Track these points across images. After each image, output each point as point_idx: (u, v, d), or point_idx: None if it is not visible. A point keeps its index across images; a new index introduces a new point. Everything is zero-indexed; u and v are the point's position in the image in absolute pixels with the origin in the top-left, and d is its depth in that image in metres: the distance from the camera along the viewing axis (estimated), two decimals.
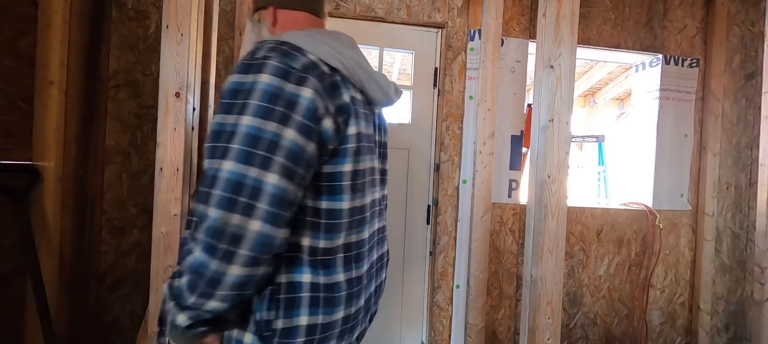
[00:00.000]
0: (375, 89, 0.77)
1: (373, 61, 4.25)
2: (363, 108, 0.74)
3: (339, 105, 0.67)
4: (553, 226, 1.26)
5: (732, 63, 2.19)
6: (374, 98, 0.77)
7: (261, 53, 0.63)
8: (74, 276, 1.58)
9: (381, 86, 0.78)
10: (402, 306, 2.03)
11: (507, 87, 2.00)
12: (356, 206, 0.73)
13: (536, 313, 1.27)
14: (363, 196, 0.75)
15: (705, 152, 2.15)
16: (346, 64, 0.70)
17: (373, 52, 2.05)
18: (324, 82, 0.65)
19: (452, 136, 1.98)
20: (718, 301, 2.19)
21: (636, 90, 2.34)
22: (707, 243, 2.13)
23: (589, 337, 2.13)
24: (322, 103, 0.64)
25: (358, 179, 0.73)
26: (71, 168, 1.53)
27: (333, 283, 0.69)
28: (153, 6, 1.73)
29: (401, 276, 2.02)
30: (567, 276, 2.09)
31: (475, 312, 1.84)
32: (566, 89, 1.25)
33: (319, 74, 0.65)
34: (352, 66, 0.72)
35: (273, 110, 0.59)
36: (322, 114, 0.64)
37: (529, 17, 2.02)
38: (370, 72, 0.77)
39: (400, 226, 2.00)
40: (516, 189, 2.04)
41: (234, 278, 0.57)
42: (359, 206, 0.74)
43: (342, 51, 0.71)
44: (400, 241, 2.01)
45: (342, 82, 0.69)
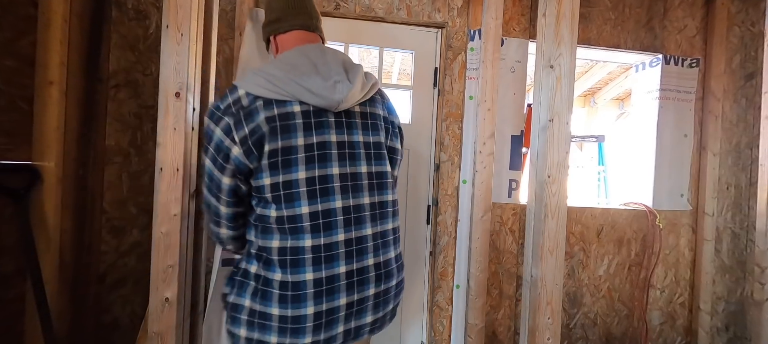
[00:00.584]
0: (310, 98, 0.86)
1: (372, 60, 4.20)
2: (301, 119, 0.85)
3: (252, 128, 0.83)
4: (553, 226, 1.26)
5: (732, 63, 2.19)
6: (317, 105, 0.87)
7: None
8: (74, 276, 1.58)
9: (315, 93, 0.85)
10: (402, 306, 2.03)
11: (507, 87, 2.00)
12: (286, 215, 0.84)
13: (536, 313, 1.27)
14: (296, 206, 0.84)
15: (705, 152, 2.15)
16: (273, 87, 0.84)
17: (373, 52, 2.05)
18: (239, 114, 0.84)
19: (452, 136, 1.98)
20: (718, 301, 2.19)
21: (636, 90, 2.34)
22: (707, 243, 2.13)
23: (589, 337, 2.13)
24: (229, 137, 0.84)
25: (287, 190, 0.84)
26: (71, 168, 1.53)
27: (271, 276, 0.86)
28: (153, 6, 1.73)
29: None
30: (567, 276, 2.09)
31: (475, 312, 1.84)
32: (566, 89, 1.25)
33: (237, 109, 0.84)
34: (283, 87, 0.85)
35: (207, 148, 0.87)
36: (229, 145, 0.84)
37: (529, 17, 2.02)
38: (311, 86, 0.85)
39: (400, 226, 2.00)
40: (516, 189, 2.04)
41: (214, 233, 0.98)
42: (290, 216, 0.84)
43: (278, 75, 0.85)
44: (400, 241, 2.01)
45: (263, 107, 0.84)
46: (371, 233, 0.91)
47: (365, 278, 0.90)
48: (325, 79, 0.86)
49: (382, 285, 0.93)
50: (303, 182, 0.84)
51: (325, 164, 0.86)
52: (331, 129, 0.88)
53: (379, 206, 0.94)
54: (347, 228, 0.88)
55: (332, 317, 0.86)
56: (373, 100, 0.98)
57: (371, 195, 0.92)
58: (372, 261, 0.91)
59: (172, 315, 1.15)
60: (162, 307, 1.16)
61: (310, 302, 0.84)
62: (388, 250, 0.96)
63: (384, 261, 0.94)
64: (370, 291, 0.91)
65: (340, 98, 0.86)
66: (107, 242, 1.72)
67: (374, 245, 0.92)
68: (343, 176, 0.88)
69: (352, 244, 0.89)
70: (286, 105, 0.85)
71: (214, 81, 1.39)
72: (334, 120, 0.88)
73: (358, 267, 0.89)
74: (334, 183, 0.87)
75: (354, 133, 0.91)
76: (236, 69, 1.58)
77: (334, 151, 0.87)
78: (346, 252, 0.88)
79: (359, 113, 0.93)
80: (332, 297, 0.86)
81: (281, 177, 0.83)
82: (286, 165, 0.83)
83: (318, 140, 0.86)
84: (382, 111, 0.99)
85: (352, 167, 0.90)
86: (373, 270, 0.92)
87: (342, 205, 0.87)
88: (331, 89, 0.86)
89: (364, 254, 0.91)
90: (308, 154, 0.84)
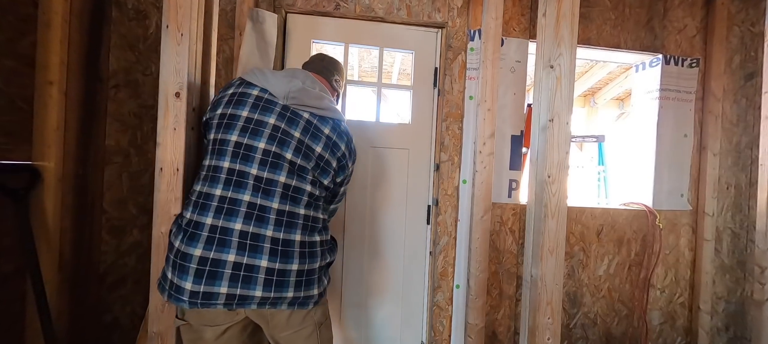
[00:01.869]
0: (269, 87, 1.12)
1: (372, 60, 4.18)
2: (254, 99, 1.09)
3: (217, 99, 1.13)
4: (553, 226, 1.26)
5: (732, 63, 2.19)
6: (272, 92, 1.11)
7: None
8: (74, 276, 1.58)
9: (272, 85, 1.12)
10: (402, 306, 2.03)
11: (507, 87, 2.00)
12: (213, 165, 1.05)
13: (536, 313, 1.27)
14: (222, 160, 1.04)
15: (705, 152, 2.15)
16: (253, 78, 1.14)
17: (373, 52, 2.04)
18: (227, 90, 1.14)
19: (452, 136, 1.98)
20: (718, 301, 2.19)
21: (636, 90, 2.34)
22: (707, 243, 2.13)
23: (589, 337, 2.13)
24: (211, 106, 1.14)
25: (221, 145, 1.05)
26: (71, 168, 1.53)
27: (185, 215, 1.06)
28: (153, 6, 1.73)
29: (401, 276, 2.02)
30: (567, 276, 2.09)
31: (475, 312, 1.84)
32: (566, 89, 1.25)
33: (226, 87, 1.15)
34: (259, 79, 1.14)
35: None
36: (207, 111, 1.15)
37: (529, 17, 2.02)
38: (273, 81, 1.13)
39: (400, 226, 2.00)
40: (516, 189, 2.04)
41: None
42: (215, 166, 1.04)
43: (263, 74, 1.16)
44: (400, 241, 2.01)
45: (243, 85, 1.13)
46: (277, 208, 1.02)
47: (259, 246, 0.98)
48: (286, 78, 1.14)
49: (277, 263, 0.99)
50: (233, 144, 1.03)
51: (256, 137, 1.03)
52: (273, 114, 1.07)
53: (294, 191, 1.05)
54: (255, 194, 1.00)
55: (216, 269, 0.95)
56: (324, 119, 1.13)
57: (289, 178, 1.05)
58: (271, 233, 0.99)
59: (172, 315, 1.15)
60: (162, 307, 1.16)
61: (201, 244, 0.95)
62: (293, 231, 1.03)
63: (284, 240, 1.01)
64: (262, 263, 0.97)
65: (286, 91, 1.10)
66: (107, 243, 1.72)
67: (277, 221, 1.01)
68: (266, 151, 1.03)
69: (255, 208, 0.99)
70: (250, 88, 1.12)
71: (214, 81, 1.38)
72: (279, 110, 1.08)
73: (253, 232, 0.98)
74: (257, 154, 1.02)
75: (293, 127, 1.08)
76: (236, 69, 1.58)
77: (267, 130, 1.04)
78: (246, 213, 0.98)
79: (306, 119, 1.10)
80: (222, 248, 0.95)
81: (220, 135, 1.05)
82: (228, 127, 1.05)
83: (258, 117, 1.06)
84: (328, 131, 1.13)
85: (279, 148, 1.04)
86: (269, 242, 0.99)
87: (256, 173, 1.01)
88: (286, 83, 1.12)
89: (264, 222, 0.99)
90: (246, 124, 1.04)
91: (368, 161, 1.96)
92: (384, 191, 1.99)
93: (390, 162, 1.99)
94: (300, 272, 1.03)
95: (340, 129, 1.17)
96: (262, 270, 0.97)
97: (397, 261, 2.01)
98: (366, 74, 4.09)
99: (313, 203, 1.10)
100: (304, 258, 1.04)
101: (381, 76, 2.01)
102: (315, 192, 1.10)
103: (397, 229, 2.00)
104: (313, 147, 1.09)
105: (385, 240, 2.00)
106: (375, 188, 1.98)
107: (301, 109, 1.11)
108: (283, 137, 1.05)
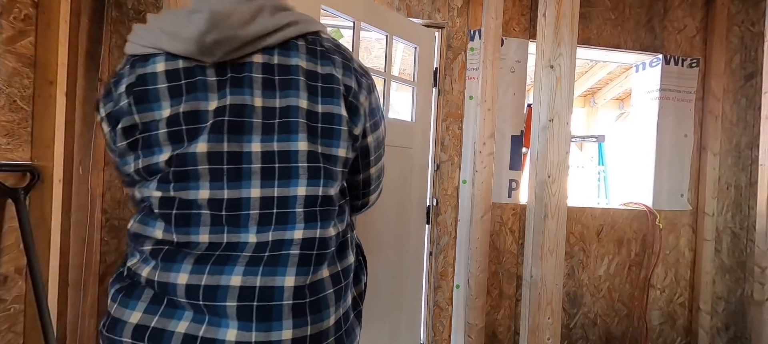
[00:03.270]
0: (171, 44, 0.60)
1: (377, 55, 4.07)
2: (166, 81, 0.60)
3: (113, 104, 0.64)
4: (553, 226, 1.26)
5: (732, 63, 2.19)
6: (183, 53, 0.59)
7: None
8: (74, 276, 1.58)
9: (176, 36, 0.59)
10: (402, 306, 2.03)
11: (507, 87, 2.00)
12: (143, 196, 0.63)
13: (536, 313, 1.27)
14: (148, 187, 0.62)
15: (705, 152, 2.15)
16: (137, 39, 0.62)
17: (381, 41, 1.91)
18: (109, 86, 0.66)
19: (452, 136, 1.98)
20: (718, 301, 2.19)
21: (636, 90, 2.34)
22: (707, 243, 2.13)
23: (589, 337, 2.13)
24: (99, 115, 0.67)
25: (148, 175, 0.63)
26: (71, 168, 1.53)
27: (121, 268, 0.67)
28: (153, 6, 1.73)
29: (401, 276, 2.02)
30: (567, 276, 2.09)
31: (475, 312, 1.84)
32: (566, 89, 1.25)
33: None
34: (144, 36, 0.62)
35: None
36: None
37: (529, 17, 2.02)
38: (177, 28, 0.59)
39: (400, 226, 2.00)
40: (516, 189, 2.04)
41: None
42: (145, 197, 0.63)
43: (149, 21, 0.63)
44: (400, 241, 2.01)
45: (128, 71, 0.62)
46: (255, 242, 0.58)
47: (225, 308, 0.54)
48: (192, 12, 0.59)
49: (253, 332, 0.55)
50: (164, 165, 0.58)
51: (193, 140, 0.58)
52: (207, 91, 0.59)
53: (278, 204, 0.59)
54: (215, 229, 0.58)
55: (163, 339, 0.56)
56: (293, 45, 0.63)
57: (264, 186, 0.59)
58: (259, 282, 0.55)
59: None
60: None
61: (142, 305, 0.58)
62: (277, 270, 0.57)
63: (269, 287, 0.56)
64: (228, 335, 0.55)
65: (201, 30, 0.56)
66: (107, 243, 1.72)
67: (256, 258, 0.57)
68: (215, 156, 0.58)
69: (218, 248, 0.57)
70: (146, 64, 0.60)
71: None
72: (213, 79, 0.59)
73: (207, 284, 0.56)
74: (200, 165, 0.57)
75: (245, 93, 0.60)
76: None
77: (208, 122, 0.58)
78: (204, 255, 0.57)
79: (261, 65, 0.61)
80: (171, 315, 0.56)
81: (142, 161, 0.59)
82: (147, 145, 0.59)
83: (186, 108, 0.58)
84: (304, 63, 0.63)
85: (233, 143, 0.59)
86: (252, 297, 0.55)
87: (209, 196, 0.58)
88: (186, 19, 0.59)
89: (232, 263, 0.56)
90: (172, 129, 0.58)
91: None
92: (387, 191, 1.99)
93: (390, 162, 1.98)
94: (328, 329, 0.60)
95: (335, 49, 0.68)
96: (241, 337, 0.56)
97: (397, 260, 2.01)
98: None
99: (308, 204, 0.63)
100: (327, 302, 0.61)
101: (389, 66, 1.82)
102: (323, 187, 0.65)
103: (397, 229, 2.00)
104: (291, 104, 0.62)
105: (385, 240, 2.00)
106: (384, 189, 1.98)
107: (243, 53, 0.61)
108: (234, 119, 0.60)
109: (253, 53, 0.61)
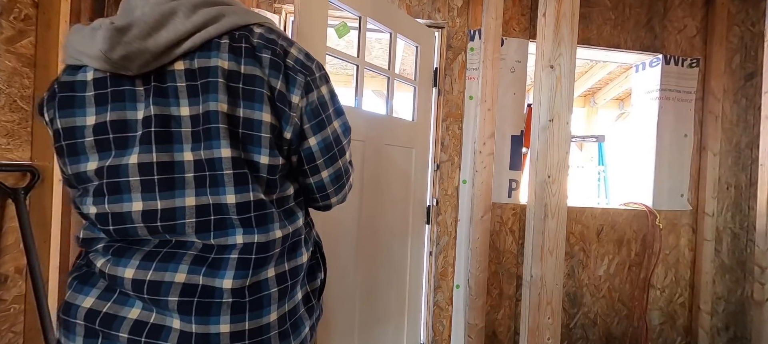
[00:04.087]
0: (87, 59, 0.58)
1: (378, 52, 4.06)
2: (93, 89, 0.58)
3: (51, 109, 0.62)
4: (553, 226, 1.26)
5: (732, 63, 2.19)
6: (100, 67, 0.58)
7: None
8: None
9: (82, 52, 0.58)
10: (402, 306, 2.03)
11: (507, 87, 2.00)
12: (82, 212, 0.63)
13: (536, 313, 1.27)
14: (84, 204, 0.61)
15: (705, 152, 2.15)
16: (72, 50, 0.60)
17: (383, 39, 1.86)
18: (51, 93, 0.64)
19: (452, 136, 1.98)
20: (718, 301, 2.19)
21: (636, 90, 2.34)
22: (707, 243, 2.13)
23: (589, 337, 2.13)
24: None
25: (80, 183, 0.62)
26: None
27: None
28: None
29: (401, 276, 2.02)
30: (567, 276, 2.09)
31: (475, 312, 1.84)
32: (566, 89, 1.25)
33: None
34: (75, 44, 0.59)
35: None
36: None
37: (529, 17, 2.02)
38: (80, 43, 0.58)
39: (400, 226, 2.00)
40: (516, 189, 2.04)
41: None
42: (84, 214, 0.63)
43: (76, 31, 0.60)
44: (400, 241, 2.01)
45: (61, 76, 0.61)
46: (201, 244, 0.59)
47: (166, 301, 0.56)
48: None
49: (193, 324, 0.57)
50: (93, 175, 0.58)
51: (122, 151, 0.58)
52: (136, 101, 0.58)
53: (214, 211, 0.59)
54: (156, 236, 0.59)
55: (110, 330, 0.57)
56: (214, 45, 0.60)
57: (199, 195, 0.59)
58: (201, 281, 0.57)
59: None
60: None
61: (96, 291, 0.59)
62: (218, 273, 0.58)
63: (203, 287, 0.57)
64: (173, 323, 0.57)
65: (102, 49, 0.54)
66: None
67: (201, 258, 0.58)
68: (144, 167, 0.57)
69: (167, 245, 0.60)
70: (77, 73, 0.59)
71: None
72: (141, 88, 0.58)
73: (152, 279, 0.57)
74: (131, 177, 0.57)
75: (171, 103, 0.59)
76: None
77: (137, 132, 0.58)
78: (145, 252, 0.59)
79: (184, 72, 0.59)
80: (123, 303, 0.58)
81: (69, 168, 0.59)
82: (72, 153, 0.58)
83: (113, 117, 0.57)
84: (225, 63, 0.59)
85: (163, 153, 0.58)
86: (194, 294, 0.57)
87: (142, 208, 0.57)
88: (90, 37, 0.56)
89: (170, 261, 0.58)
90: (99, 137, 0.57)
91: (381, 158, 1.81)
92: (388, 191, 1.99)
93: (391, 162, 1.99)
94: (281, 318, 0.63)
95: (249, 42, 0.63)
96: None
97: (397, 261, 2.01)
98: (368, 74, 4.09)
99: (243, 210, 0.62)
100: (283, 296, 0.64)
101: (393, 64, 1.79)
102: (253, 192, 0.63)
103: (397, 229, 2.00)
104: (215, 109, 0.59)
105: (385, 240, 2.00)
106: (378, 188, 1.98)
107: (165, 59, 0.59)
108: (162, 129, 0.59)
109: (173, 61, 0.59)
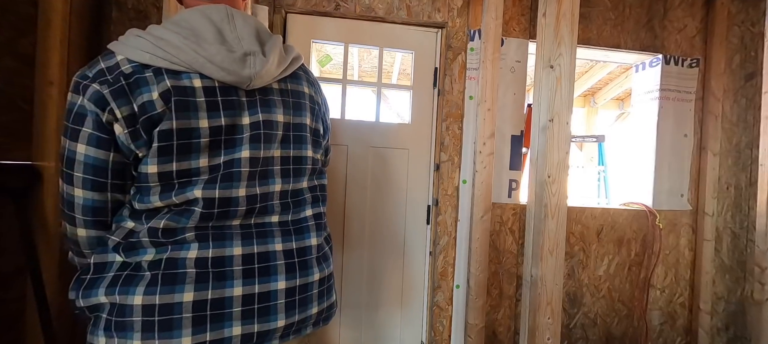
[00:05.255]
0: (214, 71, 0.70)
1: (372, 60, 4.17)
2: (204, 96, 0.70)
3: (141, 104, 0.66)
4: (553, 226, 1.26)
5: (732, 63, 2.19)
6: (223, 80, 0.72)
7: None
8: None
9: (219, 66, 0.70)
10: (402, 306, 2.03)
11: (507, 87, 2.00)
12: (176, 201, 0.71)
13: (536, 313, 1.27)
14: (188, 191, 0.70)
15: (705, 152, 2.15)
16: (165, 54, 0.68)
17: (373, 52, 2.05)
18: (117, 84, 0.66)
19: (452, 136, 1.98)
20: (718, 301, 2.19)
21: (636, 90, 2.34)
22: (707, 243, 2.13)
23: (589, 337, 2.13)
24: (107, 110, 0.66)
25: (182, 178, 0.70)
26: None
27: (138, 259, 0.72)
28: (153, 6, 1.73)
29: (401, 276, 2.02)
30: (567, 276, 2.09)
31: (475, 312, 1.84)
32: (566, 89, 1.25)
33: (114, 77, 0.66)
34: (177, 55, 0.68)
35: (67, 126, 0.67)
36: (111, 120, 0.66)
37: (529, 17, 2.02)
38: (213, 57, 0.70)
39: (400, 226, 2.00)
40: (516, 189, 2.04)
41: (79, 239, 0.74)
42: (180, 202, 0.72)
43: (172, 41, 0.68)
44: (400, 241, 2.01)
45: (153, 77, 0.67)
46: (278, 221, 0.80)
47: (270, 266, 0.75)
48: (232, 51, 0.72)
49: (297, 278, 0.78)
50: (205, 171, 0.71)
51: (232, 149, 0.73)
52: (244, 110, 0.74)
53: (293, 195, 0.83)
54: (248, 217, 0.76)
55: (222, 310, 0.70)
56: (296, 76, 0.85)
57: (284, 182, 0.81)
58: (281, 247, 0.78)
59: None
60: None
61: (190, 286, 0.68)
62: (304, 237, 0.82)
63: (298, 249, 0.80)
64: (279, 285, 0.75)
65: (251, 74, 0.73)
66: None
67: (282, 231, 0.79)
68: (252, 161, 0.75)
69: (252, 228, 0.77)
70: (181, 77, 0.69)
71: None
72: (246, 100, 0.75)
73: (259, 251, 0.75)
74: (242, 168, 0.74)
75: (273, 111, 0.78)
76: None
77: (245, 134, 0.74)
78: (242, 234, 0.75)
79: (278, 91, 0.80)
80: (222, 283, 0.70)
81: (175, 165, 0.69)
82: (184, 151, 0.69)
83: (226, 122, 0.72)
84: (307, 89, 0.86)
85: (265, 150, 0.77)
86: (282, 257, 0.77)
87: (246, 193, 0.75)
88: (240, 63, 0.72)
89: (268, 237, 0.77)
90: (213, 138, 0.71)
91: (368, 161, 1.96)
92: (384, 192, 1.99)
93: (390, 162, 1.99)
94: (322, 279, 0.84)
95: (310, 75, 0.92)
96: (280, 295, 0.76)
97: (397, 260, 2.01)
98: (366, 74, 4.09)
99: (312, 191, 0.89)
100: (322, 261, 0.86)
101: (381, 76, 2.01)
102: (318, 179, 0.91)
103: (397, 229, 2.00)
104: (302, 121, 0.84)
105: (385, 240, 2.00)
106: (375, 189, 1.98)
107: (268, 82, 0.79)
108: (266, 132, 0.77)
109: (272, 82, 0.81)
